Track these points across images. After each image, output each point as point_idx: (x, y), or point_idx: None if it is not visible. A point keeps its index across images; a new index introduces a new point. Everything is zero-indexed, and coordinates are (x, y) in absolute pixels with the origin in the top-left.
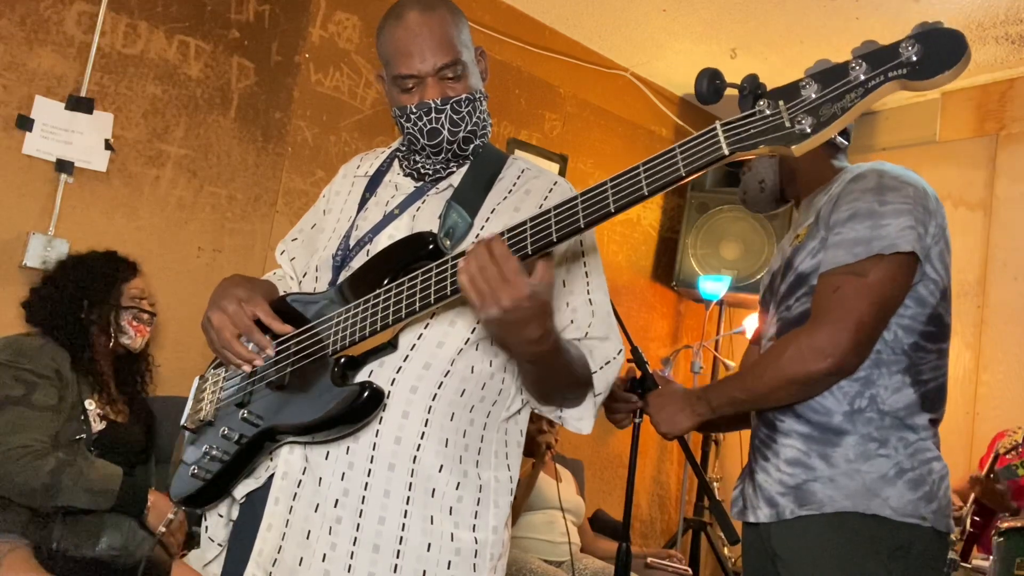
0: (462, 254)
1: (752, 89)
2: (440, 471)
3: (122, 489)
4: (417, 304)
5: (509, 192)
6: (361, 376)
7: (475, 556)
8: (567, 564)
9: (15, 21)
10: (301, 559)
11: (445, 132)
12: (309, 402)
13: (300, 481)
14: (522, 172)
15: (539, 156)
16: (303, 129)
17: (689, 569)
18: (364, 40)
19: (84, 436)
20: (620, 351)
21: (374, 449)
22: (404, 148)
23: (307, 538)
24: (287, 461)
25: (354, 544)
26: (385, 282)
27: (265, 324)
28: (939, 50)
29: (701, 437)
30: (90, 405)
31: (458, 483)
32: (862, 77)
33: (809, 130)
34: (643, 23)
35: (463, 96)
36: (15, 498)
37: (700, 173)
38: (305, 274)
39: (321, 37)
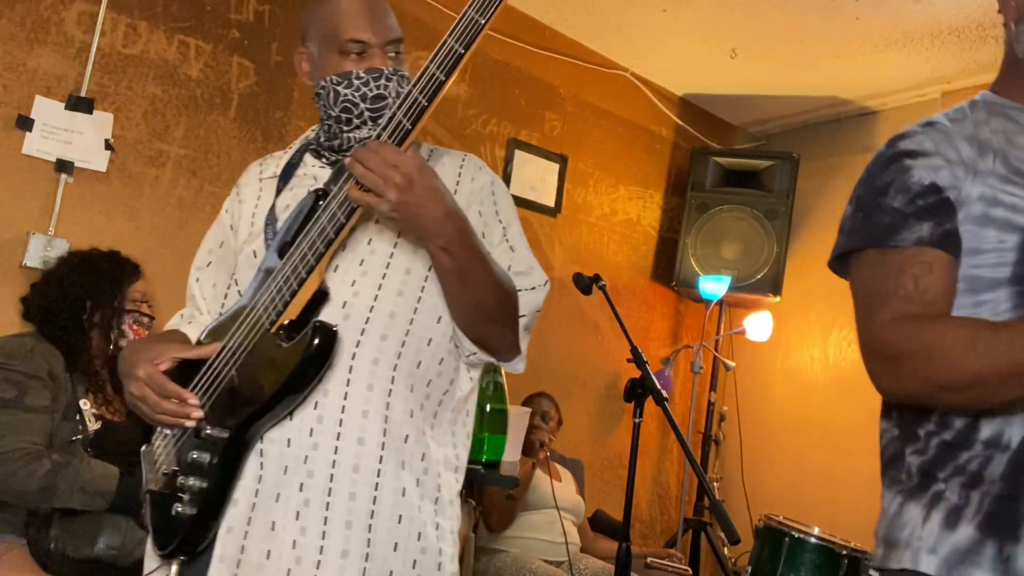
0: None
1: None
2: (406, 442)
3: (119, 489)
4: (331, 232)
5: None
6: None
7: (436, 528)
8: (567, 564)
9: (15, 21)
10: (268, 552)
11: (390, 99)
12: (266, 377)
13: (260, 477)
14: (431, 152)
15: (539, 156)
16: (303, 129)
17: (689, 569)
18: None
19: (80, 437)
20: (546, 281)
21: (340, 426)
22: (326, 132)
23: (272, 530)
24: (252, 460)
25: (325, 524)
26: (294, 242)
27: (188, 359)
28: None
29: (701, 437)
30: (85, 405)
31: (423, 454)
32: None
33: None
34: (643, 23)
35: (407, 74)
36: (11, 501)
37: None
38: (226, 295)
39: None
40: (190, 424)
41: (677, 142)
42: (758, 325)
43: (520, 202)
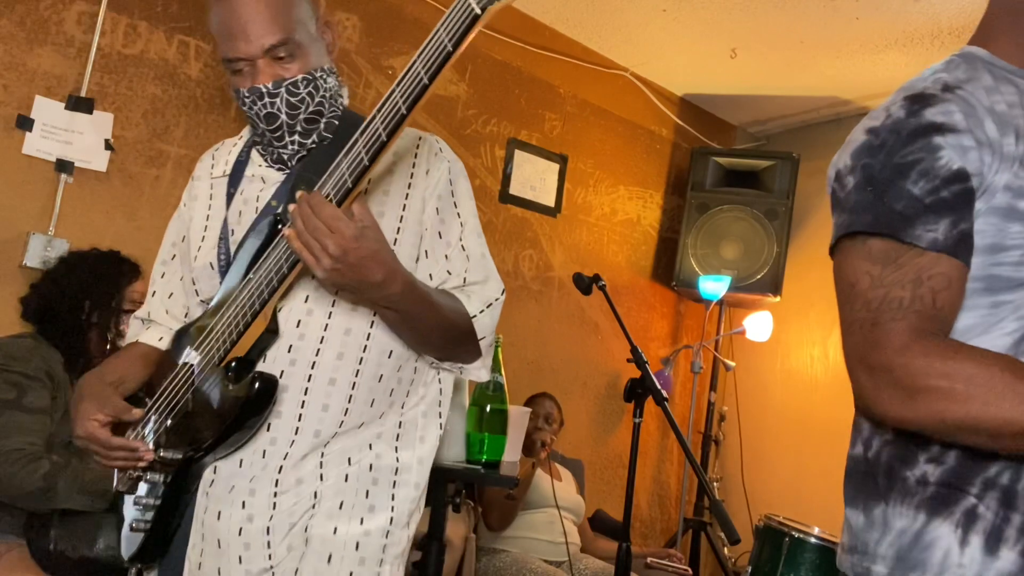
0: None
1: None
2: (354, 454)
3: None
4: (275, 280)
5: None
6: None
7: (386, 537)
8: (567, 564)
9: (15, 21)
10: (219, 569)
11: (283, 116)
12: (213, 415)
13: (208, 494)
14: None
15: (539, 156)
16: None
17: (689, 569)
18: (364, 40)
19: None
20: (502, 291)
21: (291, 446)
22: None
23: (219, 547)
24: (205, 479)
25: (268, 533)
26: (249, 275)
27: (124, 420)
28: None
29: (701, 437)
30: None
31: (370, 464)
32: None
33: None
34: (643, 23)
35: (299, 77)
36: (10, 502)
37: (466, 41)
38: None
39: None
40: (143, 464)
41: (677, 142)
42: (758, 325)
43: (520, 202)
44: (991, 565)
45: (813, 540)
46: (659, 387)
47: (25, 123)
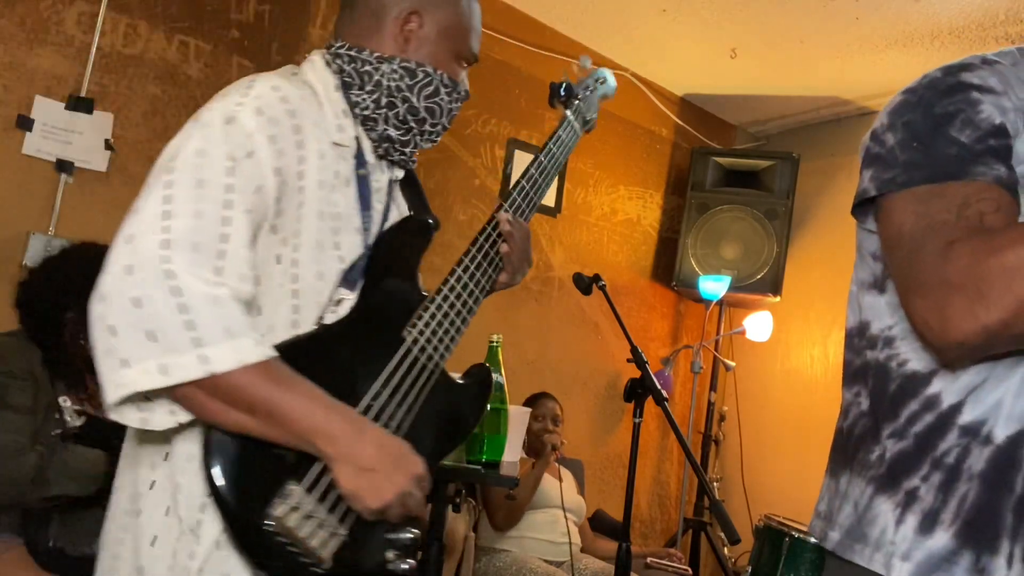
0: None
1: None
2: None
3: (108, 473)
4: (486, 285)
5: None
6: None
7: None
8: (567, 564)
9: (15, 21)
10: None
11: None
12: (453, 412)
13: None
14: None
15: None
16: None
17: (689, 569)
18: None
19: (61, 431)
20: None
21: None
22: (396, 124)
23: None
24: None
25: None
26: (450, 278)
27: None
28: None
29: (701, 437)
30: (65, 402)
31: None
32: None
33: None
34: (643, 23)
35: None
36: (4, 498)
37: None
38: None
39: (321, 37)
40: None
41: (677, 142)
42: (758, 325)
43: None
44: (922, 544)
45: (813, 540)
46: (659, 387)
47: (25, 123)
